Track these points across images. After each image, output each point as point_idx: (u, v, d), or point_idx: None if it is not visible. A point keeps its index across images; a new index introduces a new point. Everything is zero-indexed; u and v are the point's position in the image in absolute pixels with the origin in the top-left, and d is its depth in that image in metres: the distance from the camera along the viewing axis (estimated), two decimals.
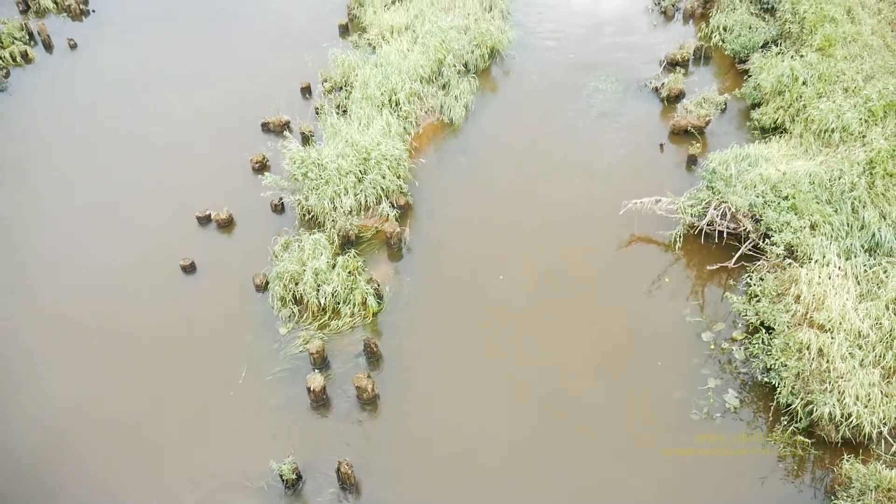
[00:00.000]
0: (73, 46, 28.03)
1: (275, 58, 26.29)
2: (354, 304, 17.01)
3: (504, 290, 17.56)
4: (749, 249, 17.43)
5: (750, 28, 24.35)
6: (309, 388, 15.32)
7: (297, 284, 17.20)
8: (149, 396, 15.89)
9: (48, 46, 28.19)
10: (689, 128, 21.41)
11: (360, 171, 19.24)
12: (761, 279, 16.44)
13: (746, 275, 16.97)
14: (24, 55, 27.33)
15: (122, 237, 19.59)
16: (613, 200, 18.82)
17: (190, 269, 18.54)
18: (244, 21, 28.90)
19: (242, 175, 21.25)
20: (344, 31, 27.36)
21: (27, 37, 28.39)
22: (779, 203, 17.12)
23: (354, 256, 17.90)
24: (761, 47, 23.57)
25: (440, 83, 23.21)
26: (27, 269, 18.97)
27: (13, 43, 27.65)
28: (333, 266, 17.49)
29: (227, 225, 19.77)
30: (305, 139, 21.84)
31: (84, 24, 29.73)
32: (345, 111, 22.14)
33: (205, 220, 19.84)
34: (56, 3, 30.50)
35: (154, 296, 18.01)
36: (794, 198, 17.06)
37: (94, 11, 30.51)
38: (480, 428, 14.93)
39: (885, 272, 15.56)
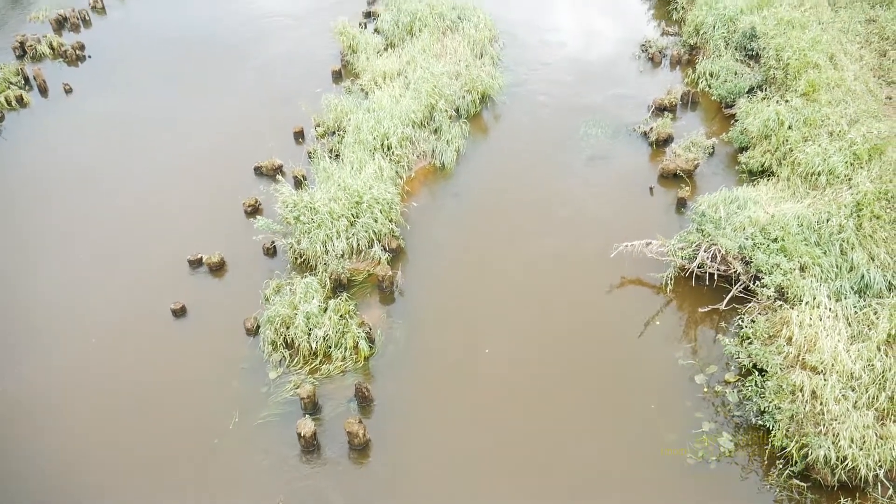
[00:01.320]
0: (69, 91, 28.28)
1: (269, 103, 26.59)
2: (346, 348, 16.91)
3: (496, 334, 17.51)
4: (740, 291, 17.49)
5: (735, 74, 24.81)
6: (299, 434, 15.12)
7: (288, 328, 17.11)
8: (137, 441, 15.65)
9: (43, 91, 28.43)
10: (678, 171, 21.66)
11: (352, 214, 19.32)
12: (753, 321, 16.46)
13: (738, 317, 16.99)
14: (20, 99, 27.54)
15: (113, 281, 19.50)
16: (604, 243, 18.94)
17: (180, 312, 18.44)
18: (239, 67, 29.28)
19: (235, 219, 21.29)
20: (337, 77, 27.73)
21: (23, 81, 28.68)
22: (768, 245, 17.26)
23: (346, 300, 17.86)
24: (747, 92, 24.00)
25: (432, 128, 23.48)
26: (20, 315, 18.82)
27: (8, 87, 27.90)
28: (325, 310, 17.42)
29: (218, 268, 19.73)
30: (298, 183, 21.96)
31: (80, 70, 30.04)
32: (337, 155, 22.33)
33: (196, 264, 19.80)
34: (53, 48, 30.87)
35: (144, 339, 17.86)
36: (783, 240, 17.21)
37: (90, 57, 30.87)
38: (473, 473, 14.74)
39: (875, 314, 15.61)
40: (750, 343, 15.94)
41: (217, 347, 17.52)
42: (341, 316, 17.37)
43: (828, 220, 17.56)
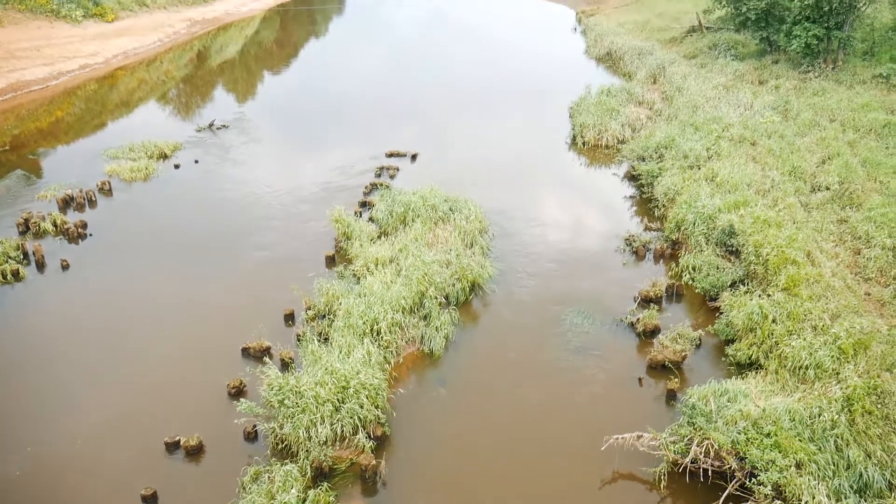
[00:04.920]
0: (66, 267, 28.77)
1: (262, 286, 27.02)
2: None
3: None
4: (736, 489, 16.86)
5: (717, 268, 25.63)
6: None
7: None
8: None
9: (41, 266, 28.92)
10: (666, 362, 21.69)
11: (337, 399, 18.99)
12: None
13: None
14: (16, 273, 27.92)
15: (83, 462, 18.69)
16: (594, 435, 18.51)
17: (151, 499, 17.49)
18: (236, 251, 30.09)
19: (218, 400, 20.87)
20: (330, 261, 28.47)
21: (22, 256, 29.23)
22: (761, 440, 16.90)
23: (327, 490, 17.06)
24: (730, 286, 24.64)
25: (421, 314, 23.73)
26: None
27: (7, 261, 28.41)
28: (304, 501, 16.59)
29: (196, 452, 19.01)
30: (285, 365, 21.79)
31: (79, 247, 30.77)
32: (326, 339, 22.35)
33: (173, 446, 19.11)
34: (56, 226, 31.82)
35: None
36: (776, 435, 16.89)
37: (90, 235, 31.74)
38: None
39: None
40: None
41: None
42: None
43: (819, 415, 17.36)
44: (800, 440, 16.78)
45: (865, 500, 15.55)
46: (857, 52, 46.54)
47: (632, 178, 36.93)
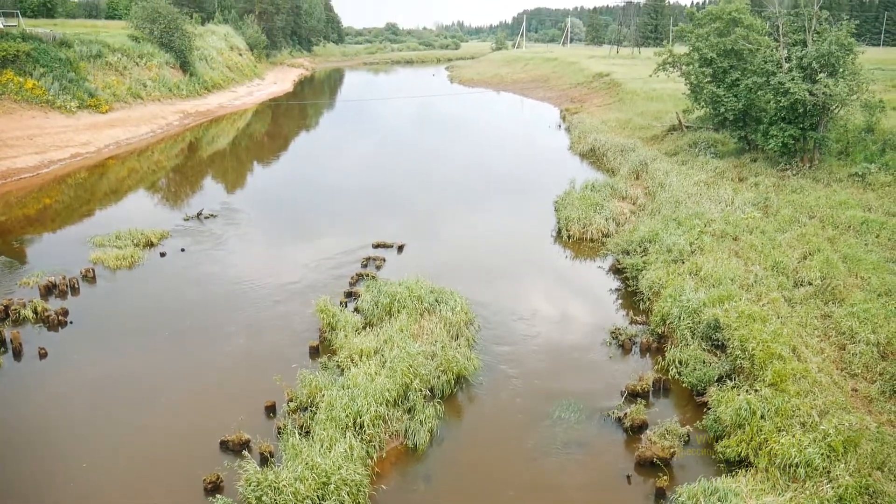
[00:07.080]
0: (43, 355, 28.20)
1: (244, 376, 26.57)
2: None
3: None
4: None
5: (704, 363, 25.50)
6: None
7: None
8: None
9: (17, 354, 28.32)
10: (654, 459, 21.25)
11: (317, 496, 18.36)
12: None
13: None
14: None
15: None
16: None
17: None
18: (219, 341, 29.70)
19: (193, 496, 20.10)
20: (315, 352, 28.12)
21: None
22: None
23: None
24: (717, 381, 24.46)
25: (406, 407, 23.29)
26: None
27: None
28: None
29: None
30: (264, 459, 21.15)
31: (58, 335, 30.25)
32: (308, 432, 21.80)
33: None
34: (36, 313, 31.37)
35: None
36: None
37: (71, 323, 31.29)
38: None
39: None
40: None
41: None
42: None
43: None
44: None
45: None
46: (832, 151, 48.12)
47: (617, 271, 37.23)
